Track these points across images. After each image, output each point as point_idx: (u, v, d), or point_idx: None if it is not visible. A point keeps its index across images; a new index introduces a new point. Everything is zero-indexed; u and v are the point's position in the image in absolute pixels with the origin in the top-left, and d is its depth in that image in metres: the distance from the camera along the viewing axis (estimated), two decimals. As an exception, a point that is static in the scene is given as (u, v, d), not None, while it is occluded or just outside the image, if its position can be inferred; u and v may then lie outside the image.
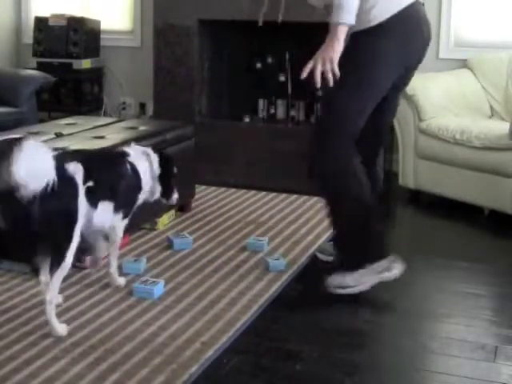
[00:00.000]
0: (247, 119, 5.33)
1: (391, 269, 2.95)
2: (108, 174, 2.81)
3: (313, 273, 3.27)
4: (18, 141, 2.29)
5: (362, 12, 2.75)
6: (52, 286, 2.53)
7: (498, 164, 3.96)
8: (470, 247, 3.45)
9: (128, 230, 3.43)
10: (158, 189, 3.07)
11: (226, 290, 2.98)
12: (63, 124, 3.94)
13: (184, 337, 2.56)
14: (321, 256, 3.42)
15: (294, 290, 3.06)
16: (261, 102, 5.44)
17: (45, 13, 5.90)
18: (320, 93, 5.19)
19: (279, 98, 5.37)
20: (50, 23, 5.75)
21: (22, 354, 2.42)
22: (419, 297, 3.01)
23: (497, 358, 2.50)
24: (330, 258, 3.37)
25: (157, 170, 3.04)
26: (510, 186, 3.91)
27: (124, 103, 5.92)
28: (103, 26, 5.89)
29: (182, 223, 3.83)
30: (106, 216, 2.79)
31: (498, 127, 4.09)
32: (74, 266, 3.14)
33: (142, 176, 2.95)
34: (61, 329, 2.57)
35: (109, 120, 4.29)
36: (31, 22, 5.92)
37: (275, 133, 5.10)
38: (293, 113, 5.33)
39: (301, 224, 3.89)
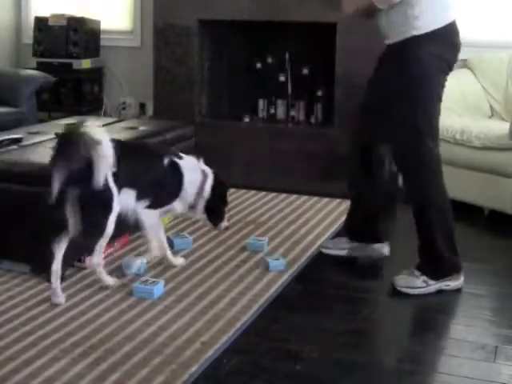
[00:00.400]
0: (247, 119, 5.33)
1: (456, 279, 3.07)
2: (135, 163, 2.96)
3: (313, 273, 3.27)
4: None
5: (406, 18, 2.89)
6: (96, 251, 2.88)
7: (498, 164, 3.96)
8: (470, 247, 3.45)
9: (128, 230, 3.44)
10: (201, 209, 3.17)
11: (226, 290, 2.98)
12: (63, 124, 3.94)
13: (184, 337, 2.56)
14: (329, 251, 3.42)
15: (294, 290, 3.06)
16: (261, 102, 5.44)
17: (45, 13, 5.90)
18: (320, 93, 5.21)
19: (279, 98, 5.36)
20: (50, 23, 5.74)
21: (21, 354, 2.42)
22: (419, 297, 3.01)
23: (497, 358, 2.50)
24: (343, 252, 3.39)
25: (207, 191, 3.14)
26: (510, 186, 3.91)
27: (124, 103, 5.92)
28: (103, 26, 5.89)
29: (181, 223, 3.83)
30: (127, 202, 2.95)
31: (498, 127, 4.09)
32: (73, 265, 3.15)
33: (185, 184, 3.10)
34: (111, 280, 2.96)
35: (109, 120, 4.29)
36: (31, 22, 5.91)
37: (275, 133, 5.09)
38: (293, 113, 5.32)
39: (301, 224, 3.89)
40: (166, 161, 3.07)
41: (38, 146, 3.36)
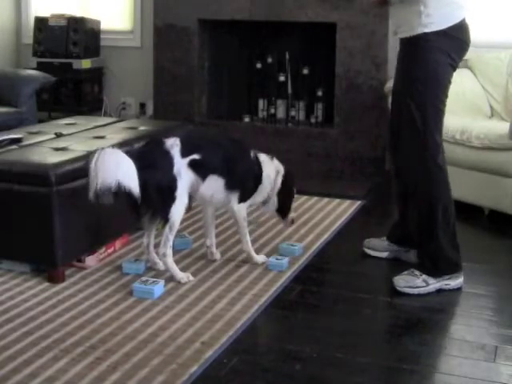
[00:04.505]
0: (247, 119, 5.33)
1: (456, 278, 3.08)
2: (222, 153, 3.10)
3: (313, 273, 3.27)
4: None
5: (418, 14, 2.89)
6: (162, 241, 3.02)
7: (498, 164, 3.96)
8: (470, 247, 3.45)
9: (128, 230, 3.45)
10: (274, 202, 3.28)
11: (226, 290, 2.98)
12: (63, 124, 3.94)
13: (184, 337, 2.57)
14: (372, 252, 3.42)
15: (293, 290, 3.06)
16: (261, 102, 5.44)
17: (45, 13, 5.91)
18: (320, 93, 5.21)
19: (279, 98, 5.37)
20: (50, 23, 5.75)
21: (21, 354, 2.42)
22: (419, 297, 3.01)
23: (497, 358, 2.50)
24: (384, 254, 3.39)
25: (278, 185, 3.25)
26: (510, 186, 3.91)
27: (124, 103, 5.92)
28: (103, 26, 5.90)
29: (182, 223, 3.82)
30: (215, 189, 3.11)
31: (498, 127, 4.08)
32: (73, 265, 3.15)
33: (264, 178, 3.22)
34: (182, 275, 3.05)
35: (109, 120, 4.29)
36: (31, 22, 5.93)
37: (275, 133, 5.10)
38: (293, 113, 5.33)
39: (301, 224, 3.89)
40: (252, 154, 3.20)
41: (38, 145, 3.36)
